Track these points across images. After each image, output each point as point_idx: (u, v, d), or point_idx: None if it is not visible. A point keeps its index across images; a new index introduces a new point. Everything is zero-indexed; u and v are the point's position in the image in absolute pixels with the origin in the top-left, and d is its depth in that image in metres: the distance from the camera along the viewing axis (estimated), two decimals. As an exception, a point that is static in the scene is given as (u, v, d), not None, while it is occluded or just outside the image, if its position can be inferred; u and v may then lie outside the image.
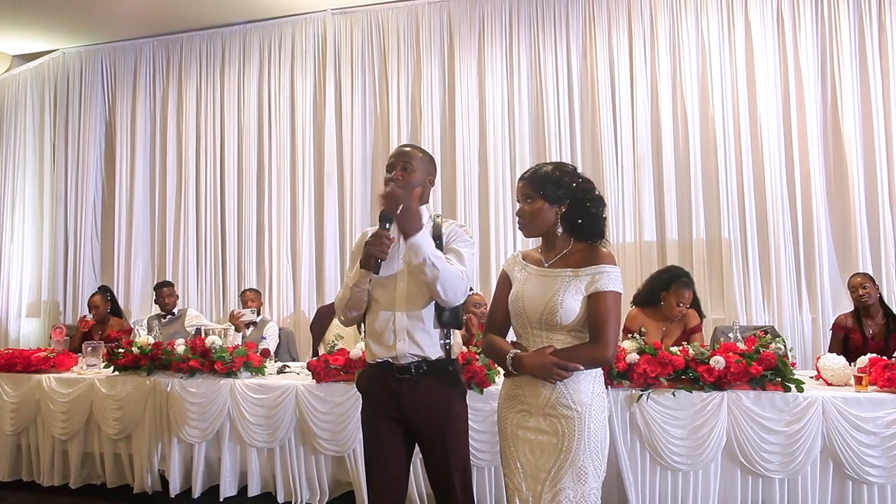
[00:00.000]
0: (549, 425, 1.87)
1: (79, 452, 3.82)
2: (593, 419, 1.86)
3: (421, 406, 2.09)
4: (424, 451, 2.16)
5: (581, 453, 1.84)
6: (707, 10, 5.14)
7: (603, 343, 1.85)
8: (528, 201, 1.95)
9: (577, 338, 1.91)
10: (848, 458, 2.78)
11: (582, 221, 1.95)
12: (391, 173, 2.18)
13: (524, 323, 1.95)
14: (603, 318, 1.86)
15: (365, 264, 2.05)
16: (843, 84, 4.88)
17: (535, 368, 1.85)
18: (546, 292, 1.91)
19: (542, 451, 1.87)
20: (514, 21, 5.53)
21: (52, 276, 6.58)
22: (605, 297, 1.87)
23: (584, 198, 1.95)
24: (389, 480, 2.11)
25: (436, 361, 2.10)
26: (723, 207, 5.02)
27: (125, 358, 3.74)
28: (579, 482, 1.84)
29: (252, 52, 6.16)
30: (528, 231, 1.99)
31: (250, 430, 3.44)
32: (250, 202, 6.08)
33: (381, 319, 2.13)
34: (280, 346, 4.87)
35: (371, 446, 2.15)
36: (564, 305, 1.87)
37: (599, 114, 5.27)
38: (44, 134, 6.75)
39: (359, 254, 2.16)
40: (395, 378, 2.11)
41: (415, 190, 2.14)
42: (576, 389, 1.87)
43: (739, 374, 2.88)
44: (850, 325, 4.08)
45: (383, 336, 2.12)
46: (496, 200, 5.42)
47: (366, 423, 2.19)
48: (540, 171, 1.97)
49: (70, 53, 6.70)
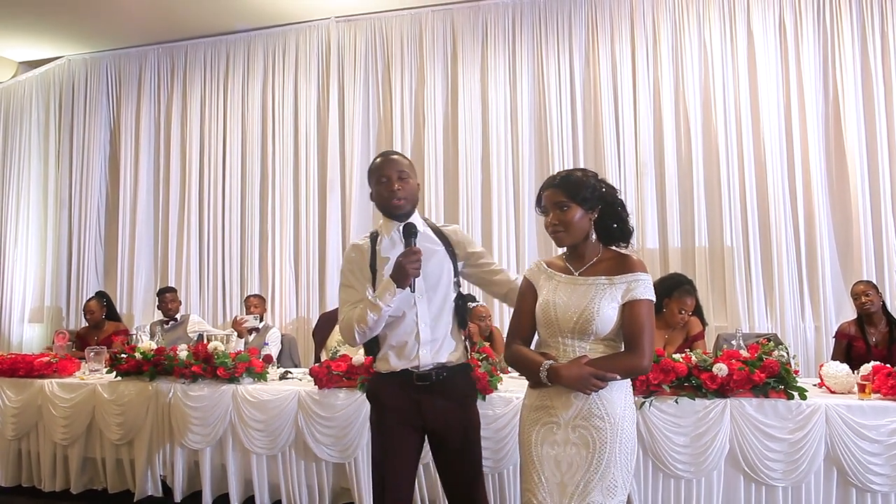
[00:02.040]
0: (580, 437, 1.82)
1: (79, 458, 3.82)
2: (625, 430, 1.83)
3: (441, 412, 2.07)
4: (441, 456, 2.13)
5: (612, 465, 1.80)
6: (709, 18, 5.16)
7: (640, 352, 1.82)
8: (563, 209, 1.90)
9: (609, 346, 1.88)
10: (851, 467, 2.76)
11: (616, 226, 1.93)
12: (390, 184, 2.12)
13: (554, 332, 1.90)
14: (640, 326, 1.83)
15: (401, 283, 1.99)
16: (845, 92, 4.89)
17: (572, 380, 1.79)
18: (581, 301, 1.86)
19: (569, 464, 1.82)
20: (517, 28, 5.56)
21: (56, 282, 6.60)
22: (641, 305, 1.85)
23: (614, 202, 1.94)
24: (401, 491, 2.09)
25: (455, 367, 2.08)
26: (725, 215, 5.02)
27: (127, 363, 3.74)
28: (608, 495, 1.79)
29: (256, 60, 6.20)
30: (566, 239, 1.93)
31: (252, 436, 3.43)
32: (253, 208, 6.10)
33: (402, 332, 2.09)
34: (282, 352, 4.87)
35: (384, 453, 2.11)
36: (601, 314, 1.83)
37: (602, 121, 5.29)
38: (49, 140, 6.78)
39: (353, 280, 2.14)
40: (414, 386, 2.08)
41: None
42: (609, 400, 1.83)
43: (742, 382, 2.87)
44: (854, 332, 4.06)
45: (405, 348, 2.09)
46: (499, 207, 5.43)
47: (378, 430, 2.15)
48: (571, 177, 1.93)
49: (75, 60, 6.74)
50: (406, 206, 2.15)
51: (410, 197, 2.15)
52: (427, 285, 2.09)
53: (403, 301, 2.06)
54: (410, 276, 1.98)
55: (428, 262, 2.09)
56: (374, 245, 2.18)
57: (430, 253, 2.12)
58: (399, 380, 2.10)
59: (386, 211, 2.18)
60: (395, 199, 2.12)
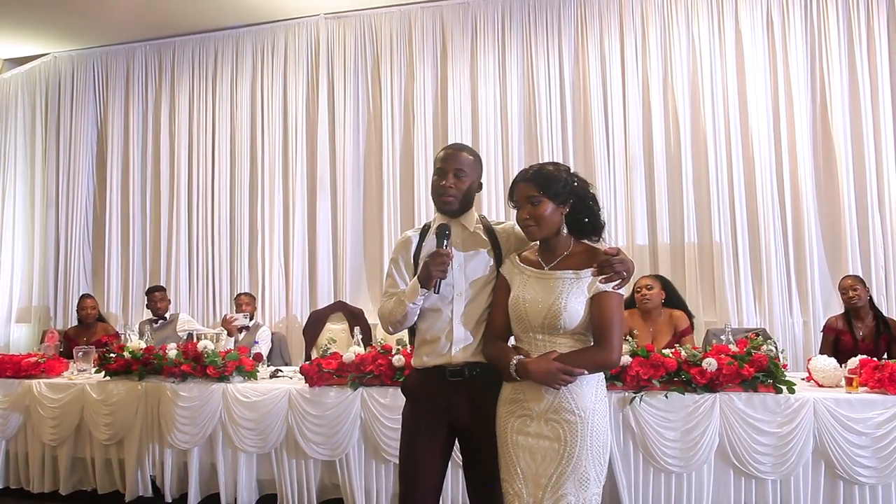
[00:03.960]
0: (552, 430, 1.84)
1: (68, 458, 3.78)
2: (596, 424, 1.84)
3: (472, 409, 2.05)
4: (469, 453, 2.11)
5: (584, 458, 1.81)
6: (698, 15, 5.18)
7: (608, 346, 1.84)
8: (534, 203, 1.90)
9: (579, 341, 1.89)
10: (839, 459, 2.79)
11: (588, 220, 1.94)
12: (442, 180, 2.09)
13: (526, 327, 1.91)
14: (607, 320, 1.84)
15: (426, 284, 1.99)
16: (832, 88, 4.92)
17: (539, 374, 1.82)
18: (548, 296, 1.87)
19: (543, 456, 1.84)
20: (506, 25, 5.55)
21: (43, 282, 6.54)
22: (609, 298, 1.86)
23: (586, 196, 1.94)
24: (425, 486, 2.06)
25: (488, 364, 2.05)
26: (714, 211, 5.05)
27: (116, 363, 3.72)
28: (581, 488, 1.81)
29: (245, 57, 6.16)
30: (538, 233, 1.94)
31: (242, 434, 3.42)
32: (243, 206, 6.07)
33: (436, 328, 2.08)
34: (272, 350, 4.85)
35: (411, 447, 2.09)
36: (568, 309, 1.84)
37: (591, 117, 5.29)
38: (35, 138, 6.71)
39: (394, 270, 2.16)
40: (447, 382, 2.07)
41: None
42: (579, 394, 1.84)
43: (731, 376, 2.89)
44: (841, 327, 4.10)
45: (438, 344, 2.08)
46: (489, 203, 5.42)
47: (408, 423, 2.13)
48: (543, 171, 1.93)
49: (62, 57, 6.67)
50: (454, 203, 2.11)
51: (462, 195, 2.11)
52: (467, 285, 2.08)
53: (440, 298, 2.06)
54: (435, 277, 1.97)
55: (470, 262, 2.10)
56: (422, 237, 2.19)
57: (473, 253, 2.11)
58: (432, 375, 2.09)
59: (436, 204, 2.17)
60: (444, 195, 2.09)
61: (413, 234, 2.23)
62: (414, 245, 2.19)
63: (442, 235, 2.02)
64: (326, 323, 5.30)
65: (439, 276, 1.98)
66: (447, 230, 2.04)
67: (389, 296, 2.16)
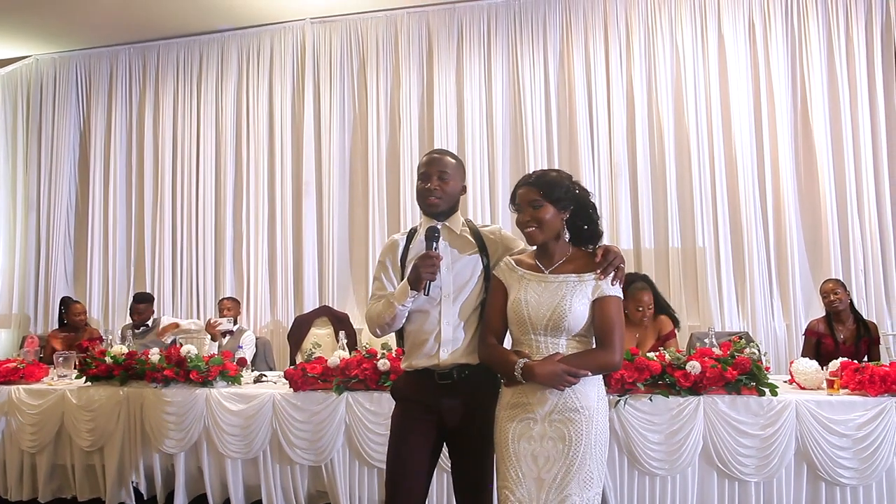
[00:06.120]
0: (556, 431, 1.86)
1: (48, 465, 3.72)
2: (599, 422, 1.87)
3: (461, 412, 2.05)
4: (458, 455, 2.11)
5: (588, 457, 1.83)
6: (681, 21, 5.24)
7: (611, 348, 1.87)
8: (536, 207, 1.93)
9: (581, 342, 1.91)
10: (821, 461, 2.82)
11: (587, 228, 1.98)
12: (427, 183, 2.12)
13: (527, 330, 1.92)
14: (610, 323, 1.88)
15: (415, 286, 2.00)
16: (812, 94, 5.00)
17: (547, 376, 1.83)
18: (552, 298, 1.90)
19: (546, 458, 1.85)
20: (492, 30, 5.58)
21: (24, 286, 6.44)
22: (610, 301, 1.89)
23: (587, 204, 1.98)
24: (411, 489, 2.05)
25: (478, 368, 2.06)
26: (697, 216, 5.10)
27: (97, 368, 3.67)
28: (585, 488, 1.83)
29: (230, 61, 6.13)
30: (539, 236, 1.96)
31: (226, 440, 3.38)
32: (228, 210, 6.03)
33: (425, 330, 2.09)
34: (257, 355, 4.82)
35: (398, 449, 2.08)
36: (573, 311, 1.87)
37: (576, 122, 5.33)
38: (16, 141, 6.61)
39: (381, 273, 2.16)
40: (436, 384, 2.07)
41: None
42: (583, 392, 1.87)
43: (715, 379, 2.92)
44: (822, 330, 4.15)
45: (425, 346, 2.08)
46: (474, 207, 5.44)
47: (396, 425, 2.13)
48: (546, 176, 1.96)
49: (43, 60, 6.59)
50: (441, 205, 2.13)
51: (448, 197, 2.13)
52: (455, 286, 2.09)
53: (427, 300, 2.07)
54: (424, 279, 1.98)
55: (456, 263, 2.11)
56: (409, 240, 2.20)
57: (460, 255, 2.13)
58: (421, 378, 2.09)
59: (422, 208, 2.18)
60: (430, 196, 2.11)
61: (400, 238, 2.24)
62: (401, 248, 2.21)
63: (431, 238, 2.03)
64: (311, 327, 5.27)
65: (429, 278, 1.99)
66: (437, 232, 2.05)
67: (377, 298, 2.15)
